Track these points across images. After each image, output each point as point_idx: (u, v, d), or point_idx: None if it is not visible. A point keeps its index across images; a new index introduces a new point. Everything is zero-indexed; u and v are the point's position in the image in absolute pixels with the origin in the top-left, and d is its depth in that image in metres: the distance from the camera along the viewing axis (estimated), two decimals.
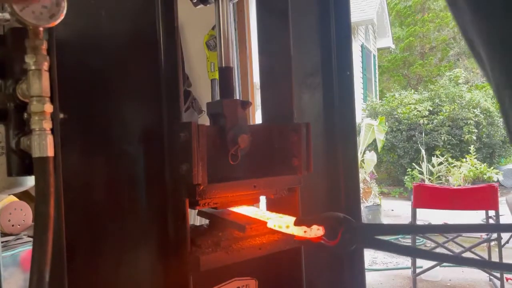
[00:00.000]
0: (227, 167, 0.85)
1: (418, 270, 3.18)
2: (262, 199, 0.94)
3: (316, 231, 0.75)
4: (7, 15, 0.60)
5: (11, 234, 1.67)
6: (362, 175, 5.58)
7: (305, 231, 0.76)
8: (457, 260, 1.97)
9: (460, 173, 6.78)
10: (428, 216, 4.05)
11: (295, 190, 0.92)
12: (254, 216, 0.88)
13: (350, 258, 1.08)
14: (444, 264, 3.17)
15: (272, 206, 0.94)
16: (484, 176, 6.86)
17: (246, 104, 0.88)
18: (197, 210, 0.90)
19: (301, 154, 0.88)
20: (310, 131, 0.89)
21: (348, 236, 0.73)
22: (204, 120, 0.90)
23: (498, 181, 7.05)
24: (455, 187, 4.72)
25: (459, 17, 0.53)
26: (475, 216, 3.81)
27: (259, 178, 0.86)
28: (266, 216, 0.86)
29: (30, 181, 0.73)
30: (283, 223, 0.80)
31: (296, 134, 0.89)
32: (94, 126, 0.74)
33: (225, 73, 0.90)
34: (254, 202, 0.92)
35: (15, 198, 1.74)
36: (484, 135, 7.97)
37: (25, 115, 0.60)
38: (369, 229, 0.75)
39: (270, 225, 0.82)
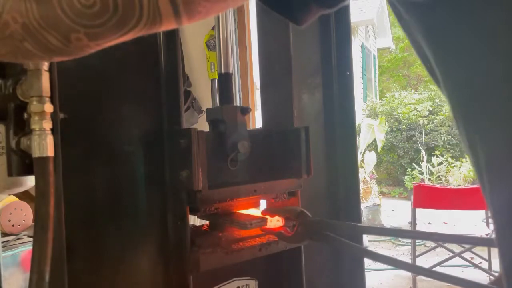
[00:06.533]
0: (227, 172, 0.86)
1: None
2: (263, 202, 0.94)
3: (275, 222, 0.83)
4: None
5: (11, 234, 1.67)
6: (362, 175, 5.57)
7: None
8: (409, 268, 1.78)
9: (460, 173, 6.77)
10: (429, 216, 4.05)
11: (295, 194, 0.92)
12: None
13: (350, 258, 1.08)
14: (444, 264, 3.17)
15: None
16: None
17: (245, 110, 0.88)
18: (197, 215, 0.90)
19: (301, 158, 0.88)
20: (309, 135, 0.89)
21: (302, 230, 0.77)
22: (204, 119, 0.90)
23: None
24: (455, 187, 4.72)
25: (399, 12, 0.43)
26: (475, 216, 3.82)
27: (259, 183, 0.86)
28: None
29: (30, 181, 0.73)
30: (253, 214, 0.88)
31: (295, 138, 0.89)
32: (93, 126, 0.74)
33: (225, 79, 0.90)
34: (255, 206, 0.92)
35: (15, 198, 1.74)
36: None
37: (25, 115, 0.60)
38: (323, 225, 0.77)
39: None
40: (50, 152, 0.53)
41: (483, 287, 0.56)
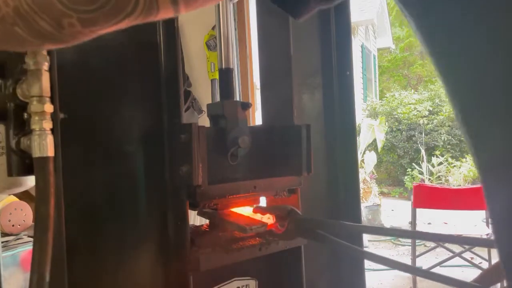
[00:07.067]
0: (227, 168, 0.85)
1: None
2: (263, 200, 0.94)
3: (266, 219, 0.84)
4: None
5: (11, 234, 1.66)
6: (362, 175, 5.57)
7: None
8: (405, 268, 1.76)
9: (460, 173, 6.77)
10: (429, 216, 4.05)
11: (295, 191, 0.92)
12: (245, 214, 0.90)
13: (350, 258, 1.08)
14: (444, 264, 3.17)
15: None
16: None
17: (246, 105, 0.88)
18: (197, 210, 0.90)
19: (302, 155, 0.88)
20: (310, 132, 0.89)
21: (293, 227, 0.79)
22: (204, 120, 0.90)
23: None
24: (455, 187, 4.72)
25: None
26: (475, 216, 3.82)
27: (259, 179, 0.86)
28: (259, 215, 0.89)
29: (30, 181, 0.73)
30: (246, 213, 0.90)
31: (296, 135, 0.89)
32: (94, 126, 0.74)
33: (225, 75, 0.90)
34: (255, 203, 0.92)
35: (15, 198, 1.74)
36: None
37: (25, 115, 0.60)
38: (313, 223, 0.78)
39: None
40: (50, 152, 0.53)
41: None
